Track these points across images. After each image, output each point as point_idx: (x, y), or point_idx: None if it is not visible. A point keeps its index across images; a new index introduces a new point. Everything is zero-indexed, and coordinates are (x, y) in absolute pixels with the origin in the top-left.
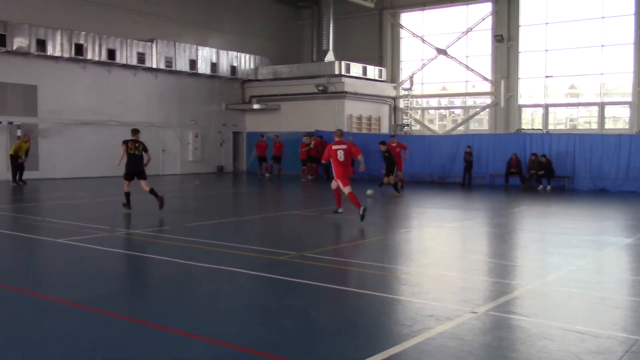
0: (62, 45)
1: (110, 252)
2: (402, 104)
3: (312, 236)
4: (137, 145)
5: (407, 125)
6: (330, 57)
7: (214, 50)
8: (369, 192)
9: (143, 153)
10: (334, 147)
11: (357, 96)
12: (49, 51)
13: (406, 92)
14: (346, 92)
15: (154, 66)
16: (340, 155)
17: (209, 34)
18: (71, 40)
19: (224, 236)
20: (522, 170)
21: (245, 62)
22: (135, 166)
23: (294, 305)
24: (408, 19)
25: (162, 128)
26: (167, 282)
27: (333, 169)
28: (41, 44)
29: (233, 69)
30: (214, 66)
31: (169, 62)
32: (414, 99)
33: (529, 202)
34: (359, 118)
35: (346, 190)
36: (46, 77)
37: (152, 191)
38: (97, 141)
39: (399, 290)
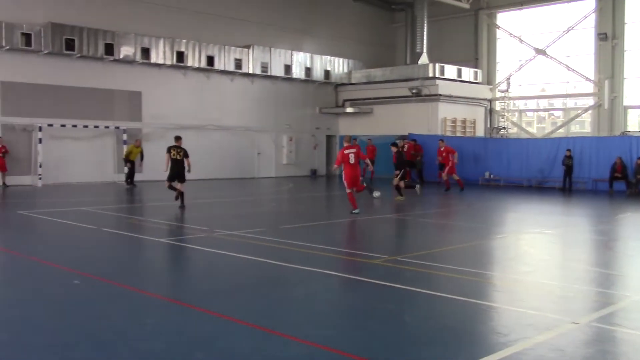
0: (164, 53)
1: (209, 252)
2: (498, 106)
3: (405, 240)
4: (178, 151)
5: (504, 128)
6: (424, 59)
7: (308, 55)
8: (376, 194)
9: (184, 158)
10: (346, 151)
11: (452, 99)
12: (153, 59)
13: (503, 94)
14: (440, 95)
15: (251, 71)
16: (352, 158)
17: (303, 39)
18: (173, 48)
19: (318, 239)
20: (628, 175)
21: (338, 66)
22: (176, 169)
23: (386, 309)
24: (505, 18)
25: (257, 132)
26: (262, 283)
27: (344, 172)
28: (145, 52)
29: (327, 73)
30: (308, 71)
31: (264, 68)
32: (511, 101)
33: (636, 208)
34: (454, 121)
35: (348, 190)
36: (150, 84)
37: (181, 194)
38: (196, 145)
39: (495, 297)
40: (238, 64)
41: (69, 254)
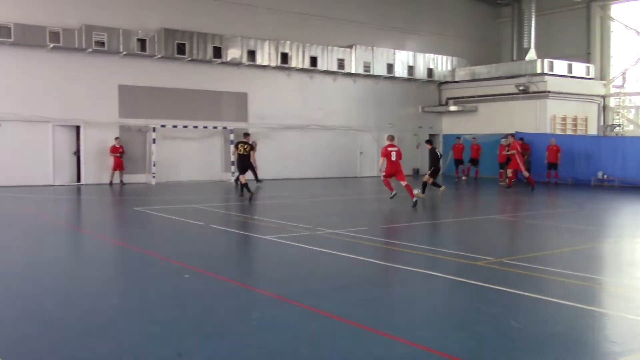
0: (269, 54)
1: (312, 250)
2: (612, 102)
3: (512, 242)
4: (245, 146)
5: (619, 125)
6: (531, 55)
7: (410, 53)
8: (416, 192)
9: (250, 153)
10: (389, 149)
11: (561, 95)
12: (258, 60)
13: (618, 90)
14: (549, 92)
15: (353, 71)
16: (394, 155)
17: (406, 37)
18: (278, 50)
19: (420, 239)
20: None
21: (442, 64)
22: (242, 162)
23: (492, 312)
24: (620, 10)
25: (359, 131)
26: (365, 282)
27: (386, 166)
28: (251, 55)
29: (430, 72)
30: (410, 69)
31: (367, 67)
32: (627, 97)
33: None
34: (564, 119)
35: (403, 183)
36: (255, 85)
37: (246, 185)
38: (299, 144)
39: (608, 303)
40: (341, 63)
41: (179, 249)
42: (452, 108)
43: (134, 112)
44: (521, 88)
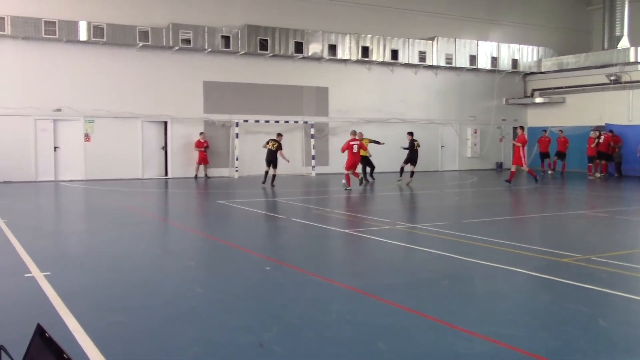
0: (350, 48)
1: (392, 244)
2: None
3: (601, 238)
4: (274, 144)
5: None
6: (624, 43)
7: (494, 44)
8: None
9: (278, 150)
10: (351, 142)
11: None
12: (339, 55)
13: None
14: None
15: (435, 64)
16: (355, 148)
17: (489, 27)
18: (358, 44)
19: (503, 234)
20: None
21: (527, 54)
22: (270, 157)
23: (578, 311)
24: None
25: (441, 125)
26: (445, 277)
27: (347, 157)
28: (332, 49)
29: (514, 62)
30: (494, 60)
31: (449, 59)
32: None
33: None
34: None
35: (346, 172)
36: (336, 79)
37: (273, 176)
38: (380, 138)
39: None
40: (422, 56)
41: (261, 242)
42: (538, 100)
43: (218, 107)
44: (612, 78)
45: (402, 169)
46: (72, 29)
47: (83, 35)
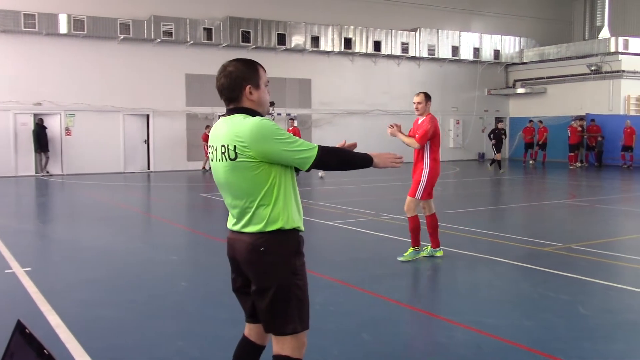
0: (332, 40)
1: (375, 235)
2: None
3: (582, 227)
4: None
5: None
6: (605, 33)
7: (476, 35)
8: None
9: None
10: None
11: (637, 75)
12: (322, 47)
13: None
14: (623, 71)
15: (417, 55)
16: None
17: (472, 18)
18: (341, 35)
19: (485, 224)
20: None
21: (509, 45)
22: None
23: (559, 299)
24: None
25: None
26: (428, 267)
27: None
28: (315, 41)
29: (496, 53)
30: (476, 51)
31: (431, 50)
32: None
33: None
34: (639, 99)
35: None
36: (319, 71)
37: None
38: (363, 130)
39: None
40: (405, 47)
41: None
42: (520, 90)
43: (201, 100)
44: (593, 68)
45: (498, 162)
46: (52, 21)
47: (63, 28)
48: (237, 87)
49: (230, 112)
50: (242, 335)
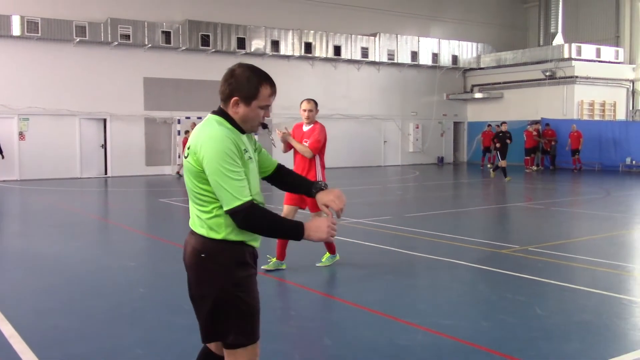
0: (293, 44)
1: (337, 240)
2: None
3: (538, 230)
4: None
5: None
6: (558, 40)
7: (435, 40)
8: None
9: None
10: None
11: (589, 80)
12: (282, 51)
13: None
14: (576, 77)
15: (377, 60)
16: None
17: (430, 24)
18: (301, 40)
19: (444, 227)
20: None
21: (467, 50)
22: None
23: (516, 300)
24: None
25: (383, 120)
26: (388, 271)
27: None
28: (275, 45)
29: (454, 59)
30: (435, 56)
31: (391, 55)
32: None
33: None
34: (591, 104)
35: None
36: (279, 75)
37: None
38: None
39: (636, 291)
40: (364, 52)
41: None
42: (478, 95)
43: (159, 104)
44: (548, 74)
45: (503, 168)
46: (4, 23)
47: (16, 30)
48: (226, 94)
49: (214, 111)
50: (202, 345)
